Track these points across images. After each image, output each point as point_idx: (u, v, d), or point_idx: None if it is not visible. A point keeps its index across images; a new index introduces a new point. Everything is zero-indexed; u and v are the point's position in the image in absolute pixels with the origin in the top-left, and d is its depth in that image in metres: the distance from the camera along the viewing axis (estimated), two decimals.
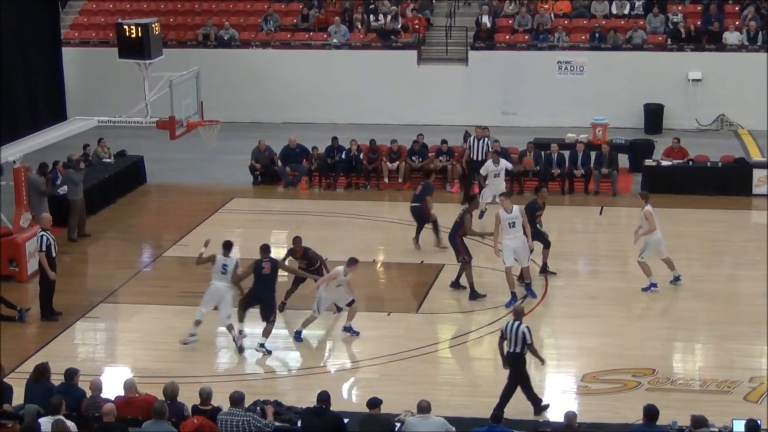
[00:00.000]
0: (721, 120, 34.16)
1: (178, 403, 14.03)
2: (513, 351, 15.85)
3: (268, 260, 18.59)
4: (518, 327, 15.82)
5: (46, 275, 19.93)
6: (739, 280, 22.12)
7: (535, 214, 21.50)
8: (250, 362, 18.46)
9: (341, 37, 35.83)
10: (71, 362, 16.41)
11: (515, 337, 15.80)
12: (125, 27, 25.15)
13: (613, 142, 29.29)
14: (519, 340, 15.77)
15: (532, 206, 21.64)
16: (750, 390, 16.75)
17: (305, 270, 19.69)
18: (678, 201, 26.78)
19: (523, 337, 15.76)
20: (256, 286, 18.63)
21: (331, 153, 28.89)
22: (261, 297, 18.53)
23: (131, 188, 28.59)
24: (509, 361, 15.95)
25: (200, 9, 37.81)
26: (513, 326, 15.86)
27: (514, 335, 15.80)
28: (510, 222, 20.32)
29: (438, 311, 20.23)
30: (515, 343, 15.81)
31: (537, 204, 21.74)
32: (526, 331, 15.80)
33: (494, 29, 35.84)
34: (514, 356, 15.86)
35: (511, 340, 15.84)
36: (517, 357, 15.84)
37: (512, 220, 20.31)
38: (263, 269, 18.48)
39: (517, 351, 15.81)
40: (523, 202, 25.25)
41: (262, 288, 18.54)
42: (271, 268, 18.54)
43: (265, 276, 18.48)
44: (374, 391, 15.02)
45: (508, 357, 15.97)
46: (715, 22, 34.68)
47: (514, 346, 15.83)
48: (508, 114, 34.75)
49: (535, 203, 21.77)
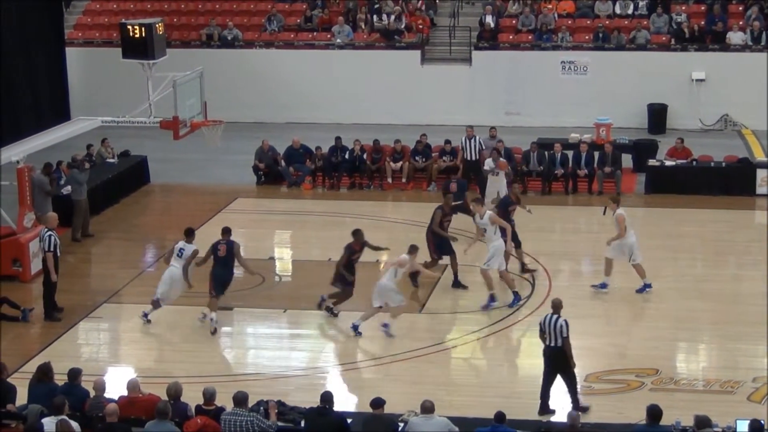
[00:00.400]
0: (725, 120, 34.14)
1: (181, 403, 14.04)
2: (554, 345, 15.88)
3: (224, 243, 19.49)
4: (557, 320, 15.87)
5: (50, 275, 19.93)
6: (742, 280, 22.11)
7: (508, 209, 21.54)
8: (254, 362, 18.50)
9: (345, 37, 35.84)
10: (74, 362, 16.40)
11: (554, 331, 15.84)
12: (129, 27, 25.20)
13: (617, 142, 29.29)
14: (558, 334, 15.82)
15: (505, 201, 21.79)
16: (753, 390, 16.73)
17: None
18: (681, 201, 26.79)
19: (561, 330, 15.80)
20: (214, 267, 19.54)
21: (335, 153, 28.90)
22: (215, 275, 19.44)
23: (135, 188, 28.61)
24: (549, 355, 15.99)
25: (204, 9, 37.83)
26: (551, 320, 15.90)
27: (553, 329, 15.84)
28: (482, 227, 20.28)
29: (441, 311, 20.23)
30: (554, 337, 15.85)
31: (510, 200, 21.85)
32: (564, 325, 15.84)
33: (498, 29, 35.84)
34: (555, 350, 15.90)
35: (550, 333, 15.88)
36: (558, 351, 15.88)
37: (483, 226, 20.25)
38: (219, 251, 19.43)
39: (558, 345, 15.85)
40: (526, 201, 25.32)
41: (217, 268, 19.48)
42: (227, 250, 19.42)
43: (221, 257, 19.38)
44: (377, 391, 15.00)
45: (547, 350, 16.01)
46: (719, 22, 34.66)
47: (554, 340, 15.87)
48: (511, 114, 34.74)
49: (508, 198, 21.95)
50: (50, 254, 19.82)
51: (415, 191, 28.32)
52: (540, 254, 22.99)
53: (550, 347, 15.92)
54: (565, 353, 15.84)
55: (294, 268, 23.61)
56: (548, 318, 15.96)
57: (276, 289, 21.89)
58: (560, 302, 16.22)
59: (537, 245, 23.60)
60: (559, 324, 15.81)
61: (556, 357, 15.91)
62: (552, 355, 15.94)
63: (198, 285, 21.13)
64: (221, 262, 19.49)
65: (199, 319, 19.67)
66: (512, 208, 21.76)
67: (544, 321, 16.01)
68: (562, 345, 15.80)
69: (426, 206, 26.66)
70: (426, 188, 28.37)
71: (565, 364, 15.88)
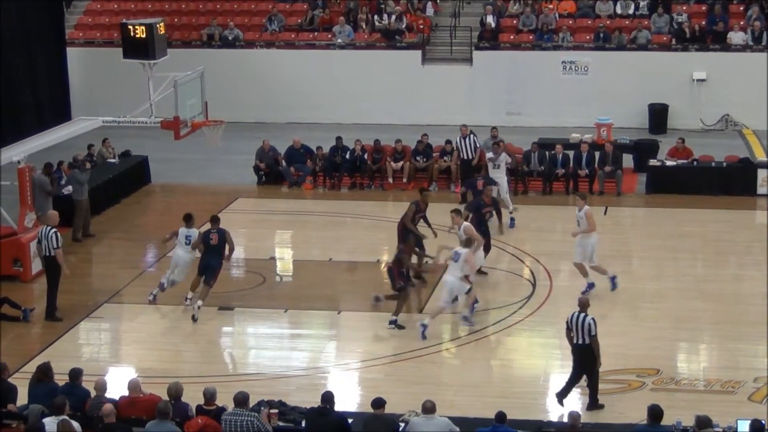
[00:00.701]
0: (726, 120, 34.14)
1: (182, 403, 14.03)
2: (582, 342, 15.99)
3: (216, 231, 20.10)
4: (584, 318, 15.97)
5: (57, 273, 19.99)
6: (743, 281, 22.11)
7: (482, 212, 21.54)
8: (255, 363, 18.50)
9: (346, 37, 35.84)
10: (75, 362, 16.39)
11: (581, 329, 15.94)
12: (130, 27, 25.18)
13: (618, 142, 29.29)
14: (585, 332, 15.92)
15: (477, 204, 21.84)
16: (754, 390, 16.74)
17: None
18: (682, 201, 26.78)
19: (588, 328, 15.91)
20: (204, 255, 20.12)
21: (336, 153, 28.90)
22: (208, 264, 20.01)
23: (136, 188, 28.62)
24: (578, 353, 16.11)
25: (205, 9, 37.83)
26: (579, 317, 16.00)
27: (581, 326, 15.95)
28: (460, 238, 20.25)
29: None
30: (582, 335, 15.96)
31: (483, 202, 21.93)
32: (591, 323, 15.95)
33: (498, 29, 35.84)
34: (583, 347, 16.02)
35: (578, 331, 15.99)
36: (586, 348, 15.99)
37: (460, 237, 20.20)
38: (211, 240, 20.08)
39: (586, 342, 15.96)
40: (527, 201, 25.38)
41: (209, 256, 20.05)
42: (219, 239, 20.05)
43: (213, 246, 20.03)
44: (378, 392, 15.01)
45: (575, 348, 16.12)
46: (720, 22, 34.65)
47: (582, 338, 15.97)
48: (512, 114, 34.73)
49: (481, 201, 22.04)
50: (59, 250, 19.93)
51: (416, 191, 28.21)
52: (540, 254, 23.01)
53: (578, 345, 16.08)
54: (592, 351, 15.99)
55: (295, 268, 23.61)
56: (575, 316, 16.07)
57: (277, 289, 21.89)
58: (587, 300, 16.41)
59: (537, 245, 23.63)
60: (587, 322, 15.95)
61: (583, 354, 16.06)
62: (580, 352, 16.09)
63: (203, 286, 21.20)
64: (213, 251, 20.12)
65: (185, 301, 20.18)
66: (486, 210, 21.77)
67: (571, 319, 16.12)
68: (590, 343, 15.95)
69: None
70: (427, 188, 28.31)
71: (592, 361, 16.06)
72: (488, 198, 22.26)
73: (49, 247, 19.95)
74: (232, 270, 23.07)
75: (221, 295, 21.06)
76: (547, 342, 19.24)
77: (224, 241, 20.10)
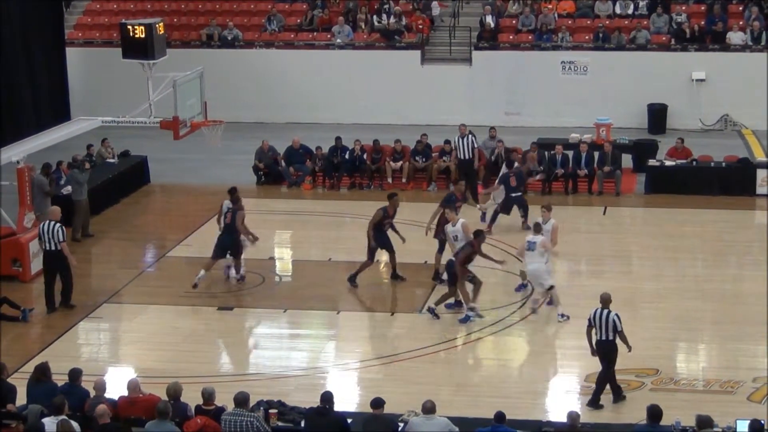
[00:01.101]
0: (725, 120, 34.14)
1: (181, 403, 14.04)
2: (606, 339, 16.09)
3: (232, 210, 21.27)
4: (608, 315, 16.07)
5: (66, 266, 20.17)
6: (742, 280, 22.11)
7: (455, 206, 21.57)
8: (254, 362, 18.50)
9: (345, 38, 35.83)
10: (75, 362, 16.41)
11: (605, 325, 16.05)
12: (129, 27, 25.18)
13: (617, 142, 29.28)
14: (610, 328, 16.02)
15: (449, 198, 21.93)
16: (753, 390, 16.74)
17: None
18: (682, 201, 26.79)
19: (613, 324, 16.04)
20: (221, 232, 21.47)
21: (335, 153, 28.90)
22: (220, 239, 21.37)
23: (135, 188, 28.61)
24: (602, 349, 16.19)
25: (204, 9, 37.82)
26: (602, 314, 16.08)
27: (605, 323, 16.06)
28: (452, 235, 20.25)
29: (441, 311, 20.19)
30: (606, 331, 16.06)
31: (454, 196, 22.01)
32: (616, 319, 16.07)
33: (498, 29, 35.83)
34: (607, 343, 16.13)
35: (602, 327, 16.09)
36: (610, 344, 16.11)
37: (453, 234, 20.23)
38: (226, 217, 21.34)
39: (610, 338, 16.07)
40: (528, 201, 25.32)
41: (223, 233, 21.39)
42: (232, 218, 21.15)
43: (227, 224, 21.23)
44: (377, 391, 15.02)
45: (599, 345, 16.20)
46: (719, 22, 34.66)
47: (605, 334, 16.07)
48: (511, 114, 34.72)
49: (452, 195, 22.11)
50: (65, 243, 20.13)
51: (415, 191, 28.30)
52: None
53: (601, 341, 16.17)
54: (616, 346, 16.15)
55: (294, 268, 23.60)
56: (598, 312, 16.16)
57: (276, 289, 21.89)
58: (609, 296, 16.46)
59: None
60: (611, 318, 16.06)
61: (607, 350, 16.17)
62: (603, 348, 16.17)
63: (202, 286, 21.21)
64: (226, 228, 21.25)
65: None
66: (458, 205, 21.79)
67: (594, 316, 16.20)
68: (614, 339, 16.09)
69: (426, 206, 26.65)
70: (426, 188, 28.37)
71: (615, 357, 16.18)
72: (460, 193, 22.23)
73: (54, 240, 20.05)
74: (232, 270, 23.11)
75: (220, 295, 21.10)
76: (546, 342, 19.26)
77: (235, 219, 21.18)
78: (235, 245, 21.36)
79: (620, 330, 16.13)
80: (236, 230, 21.15)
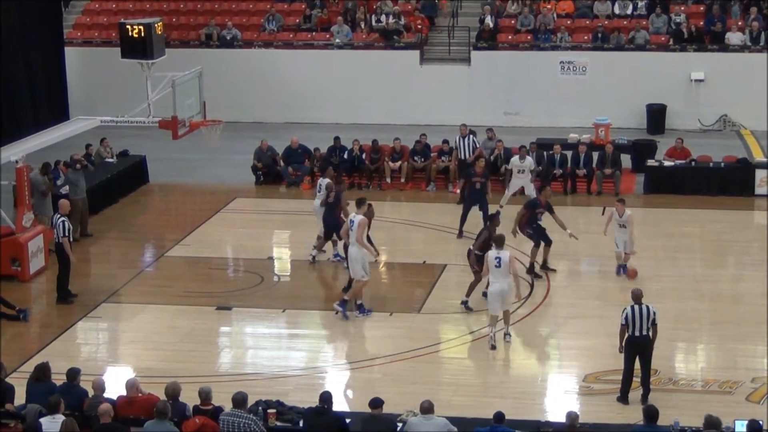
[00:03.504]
0: (724, 120, 34.14)
1: (180, 403, 14.03)
2: (643, 334, 16.04)
3: (336, 191, 22.08)
4: (647, 309, 16.05)
5: (66, 260, 20.38)
6: (741, 281, 22.12)
7: (536, 211, 21.60)
8: (253, 362, 18.49)
9: (344, 37, 35.83)
10: (73, 362, 16.40)
11: (646, 319, 16.00)
12: (128, 27, 25.15)
13: (616, 142, 29.28)
14: (649, 321, 16.02)
15: (533, 203, 22.08)
16: (752, 390, 16.74)
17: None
18: (680, 201, 26.80)
19: (654, 316, 16.05)
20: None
21: (334, 153, 28.90)
22: (325, 218, 22.22)
23: (134, 188, 28.60)
24: (640, 345, 16.09)
25: (203, 9, 37.82)
26: (641, 309, 16.00)
27: (645, 317, 16.00)
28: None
29: (440, 311, 20.22)
30: (645, 326, 16.01)
31: (538, 201, 22.07)
32: (655, 310, 16.13)
33: (497, 29, 35.83)
34: (645, 339, 16.09)
35: (641, 323, 16.00)
36: (647, 339, 16.10)
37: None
38: (330, 197, 22.08)
39: (645, 333, 16.05)
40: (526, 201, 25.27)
41: (326, 212, 22.16)
42: (335, 197, 21.96)
43: (329, 203, 21.97)
44: (376, 391, 15.01)
45: (636, 341, 16.06)
46: (718, 23, 34.66)
47: (643, 329, 16.01)
48: (510, 114, 34.74)
49: (537, 200, 22.26)
50: (66, 239, 20.30)
51: (413, 191, 28.31)
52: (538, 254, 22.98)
53: (638, 336, 16.06)
54: (652, 341, 16.12)
55: (293, 268, 23.59)
56: (636, 309, 16.04)
57: (275, 289, 21.89)
58: (641, 291, 16.47)
59: None
60: (652, 311, 16.07)
61: (646, 345, 16.14)
62: (642, 343, 16.10)
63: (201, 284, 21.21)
64: (328, 207, 22.01)
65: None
66: (539, 212, 21.80)
67: (631, 314, 16.03)
68: (648, 333, 16.05)
69: (425, 206, 26.80)
70: (425, 188, 28.37)
71: (651, 352, 16.16)
72: (544, 198, 22.12)
73: (57, 234, 20.33)
74: (230, 270, 23.13)
75: (219, 295, 21.09)
76: (545, 342, 19.27)
77: (339, 200, 21.79)
78: (332, 228, 21.91)
79: (656, 323, 16.07)
80: (336, 212, 21.72)
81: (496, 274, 18.34)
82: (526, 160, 25.72)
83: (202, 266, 23.00)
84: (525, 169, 25.59)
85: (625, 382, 16.33)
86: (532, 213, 21.65)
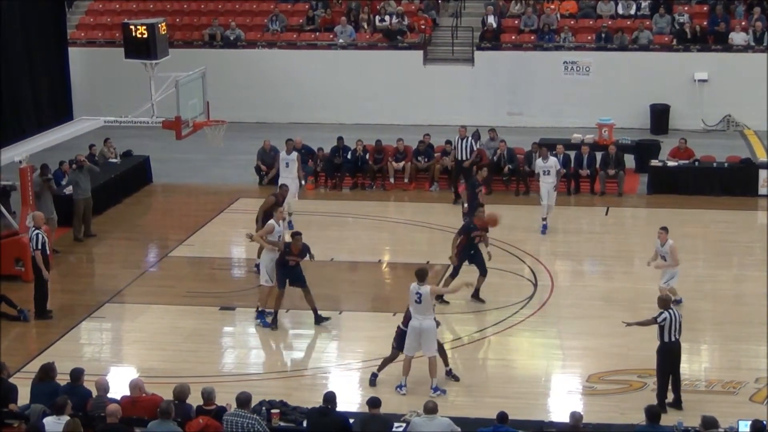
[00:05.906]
0: (727, 120, 34.14)
1: (186, 404, 14.02)
2: (675, 339, 15.97)
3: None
4: (679, 315, 16.00)
5: (40, 275, 19.97)
6: (745, 281, 22.10)
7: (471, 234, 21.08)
8: (255, 362, 18.51)
9: (347, 38, 35.85)
10: (77, 362, 16.40)
11: (679, 325, 15.96)
12: (131, 27, 25.16)
13: (619, 142, 29.27)
14: (680, 326, 15.98)
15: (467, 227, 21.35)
16: (756, 391, 16.73)
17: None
18: (684, 201, 26.79)
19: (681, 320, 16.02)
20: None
21: (337, 153, 28.91)
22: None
23: (137, 188, 28.63)
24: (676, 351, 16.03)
25: (206, 9, 37.85)
26: (673, 315, 15.90)
27: (677, 323, 15.94)
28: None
29: (443, 312, 20.18)
30: (678, 330, 15.95)
31: (473, 225, 21.56)
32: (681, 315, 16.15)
33: (500, 29, 35.84)
34: (676, 344, 16.01)
35: (676, 327, 15.92)
36: (677, 344, 16.04)
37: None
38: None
39: (679, 339, 16.00)
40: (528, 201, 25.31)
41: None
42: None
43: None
44: (379, 391, 15.03)
45: (671, 346, 15.97)
46: (721, 23, 34.65)
47: (677, 334, 15.95)
48: (514, 114, 34.76)
49: (472, 223, 21.73)
50: (38, 252, 19.91)
51: (417, 191, 28.32)
52: (542, 254, 23.02)
53: (670, 342, 15.97)
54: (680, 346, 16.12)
55: None
56: (673, 315, 15.92)
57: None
58: (669, 296, 16.58)
59: (538, 245, 23.63)
60: (681, 315, 16.06)
61: (679, 350, 16.09)
62: (677, 349, 16.05)
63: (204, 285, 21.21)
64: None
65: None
66: (476, 234, 20.37)
67: (671, 320, 15.87)
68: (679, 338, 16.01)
69: (428, 206, 26.79)
70: (428, 188, 28.37)
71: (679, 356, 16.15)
72: (480, 220, 20.39)
73: (31, 247, 20.05)
74: (234, 270, 23.14)
75: (223, 295, 21.09)
76: (548, 342, 19.26)
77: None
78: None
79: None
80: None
81: (417, 309, 16.72)
82: (549, 160, 24.85)
83: (206, 266, 23.01)
84: (550, 170, 24.68)
85: (663, 389, 16.06)
86: (469, 238, 20.26)
